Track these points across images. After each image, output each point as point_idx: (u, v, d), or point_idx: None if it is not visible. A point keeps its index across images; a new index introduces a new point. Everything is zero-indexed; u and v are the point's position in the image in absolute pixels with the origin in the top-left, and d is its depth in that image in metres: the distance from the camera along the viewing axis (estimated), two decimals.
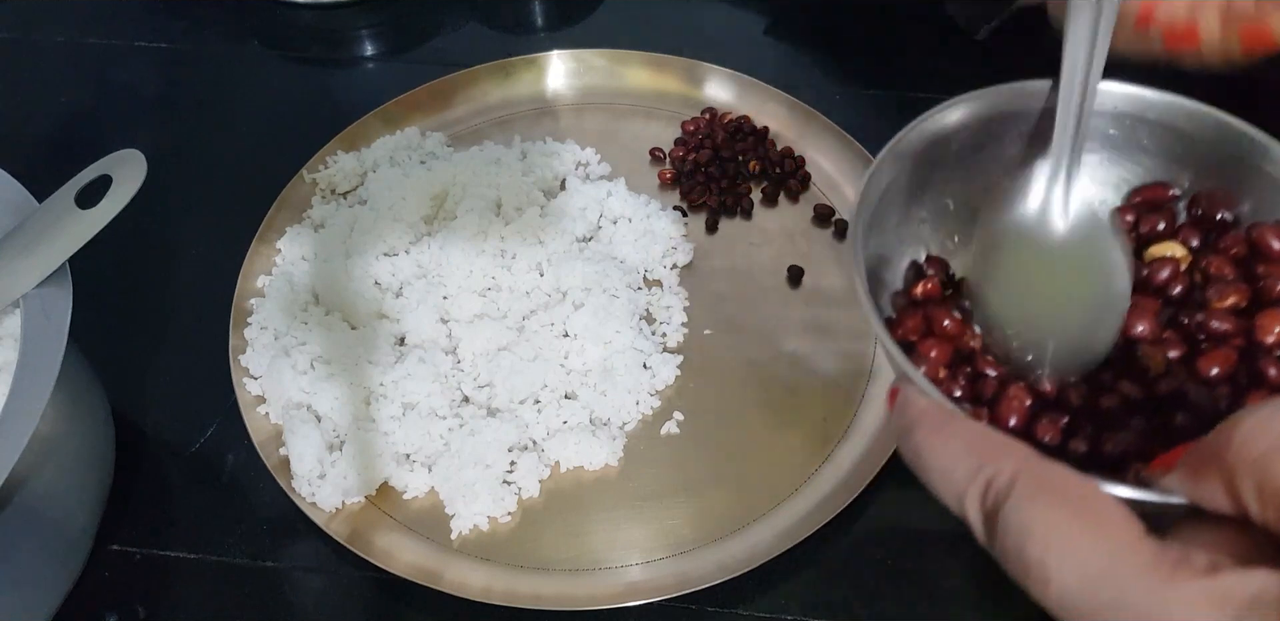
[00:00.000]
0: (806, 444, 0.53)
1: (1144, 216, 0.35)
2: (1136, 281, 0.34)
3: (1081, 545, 0.24)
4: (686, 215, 0.62)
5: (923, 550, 0.50)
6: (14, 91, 0.73)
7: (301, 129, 0.66)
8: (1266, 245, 0.32)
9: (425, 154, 0.64)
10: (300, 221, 0.62)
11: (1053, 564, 0.24)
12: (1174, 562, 0.23)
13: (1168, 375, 0.31)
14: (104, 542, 0.51)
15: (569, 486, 0.52)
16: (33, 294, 0.45)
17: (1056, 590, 0.24)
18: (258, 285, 0.59)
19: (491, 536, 0.51)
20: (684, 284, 0.59)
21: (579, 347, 0.55)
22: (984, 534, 0.26)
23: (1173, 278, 0.33)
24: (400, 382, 0.53)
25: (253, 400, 0.54)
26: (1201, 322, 0.32)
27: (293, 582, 0.51)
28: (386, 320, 0.56)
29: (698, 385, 0.55)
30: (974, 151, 0.38)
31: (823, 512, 0.49)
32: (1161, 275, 0.33)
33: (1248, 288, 0.32)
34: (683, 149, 0.64)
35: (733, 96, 0.66)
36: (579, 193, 0.61)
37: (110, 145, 0.47)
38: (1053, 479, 0.25)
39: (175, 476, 0.54)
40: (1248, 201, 0.34)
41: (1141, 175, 0.37)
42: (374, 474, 0.51)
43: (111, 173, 0.45)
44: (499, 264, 0.57)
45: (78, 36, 0.67)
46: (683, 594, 0.47)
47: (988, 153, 0.38)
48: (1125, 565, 0.23)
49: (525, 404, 0.54)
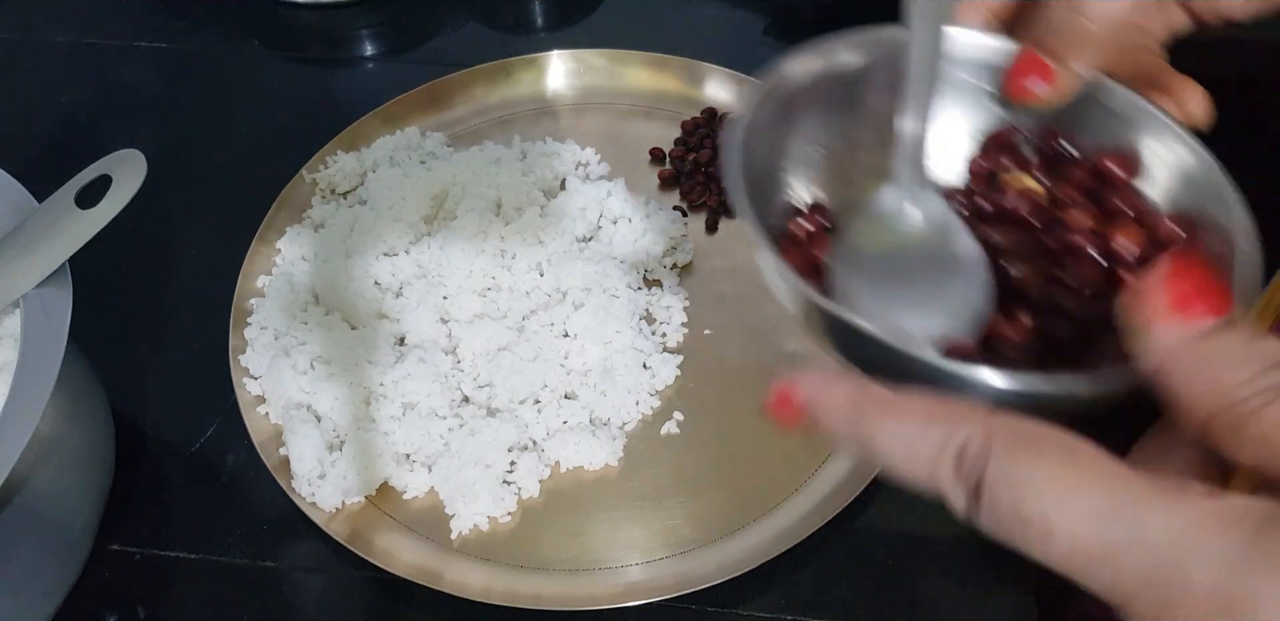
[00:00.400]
0: (806, 444, 0.53)
1: (997, 155, 0.37)
2: (1000, 215, 0.36)
3: (1080, 488, 0.23)
4: (686, 215, 0.62)
5: (923, 550, 0.50)
6: (14, 91, 0.73)
7: (301, 129, 0.66)
8: (1111, 173, 0.35)
9: (425, 154, 0.64)
10: (300, 221, 0.62)
11: (1055, 514, 0.23)
12: (1175, 489, 0.23)
13: (1041, 290, 0.33)
14: (104, 543, 0.51)
15: (569, 486, 0.52)
16: (33, 294, 0.45)
17: (1064, 541, 0.23)
18: (258, 285, 0.59)
19: (491, 536, 0.51)
20: (684, 284, 0.59)
21: (579, 347, 0.55)
22: (966, 505, 0.25)
23: (1033, 210, 0.35)
24: (400, 382, 0.53)
25: (253, 400, 0.54)
26: (1065, 242, 0.34)
27: (293, 583, 0.51)
28: (386, 320, 0.56)
29: (698, 385, 0.55)
30: (837, 101, 0.37)
31: (823, 512, 0.49)
32: (1022, 209, 0.36)
33: (1100, 211, 0.35)
34: (682, 149, 0.64)
35: (733, 96, 0.66)
36: (579, 192, 0.61)
37: (110, 145, 0.47)
38: (1024, 431, 0.24)
39: (175, 476, 0.54)
40: (1090, 135, 0.36)
41: (994, 123, 0.38)
42: (374, 474, 0.51)
43: (111, 173, 0.45)
44: (499, 264, 0.57)
45: (78, 36, 0.66)
46: (683, 594, 0.47)
47: (850, 102, 0.37)
48: (1130, 499, 0.23)
49: (525, 404, 0.54)
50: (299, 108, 0.70)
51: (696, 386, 0.55)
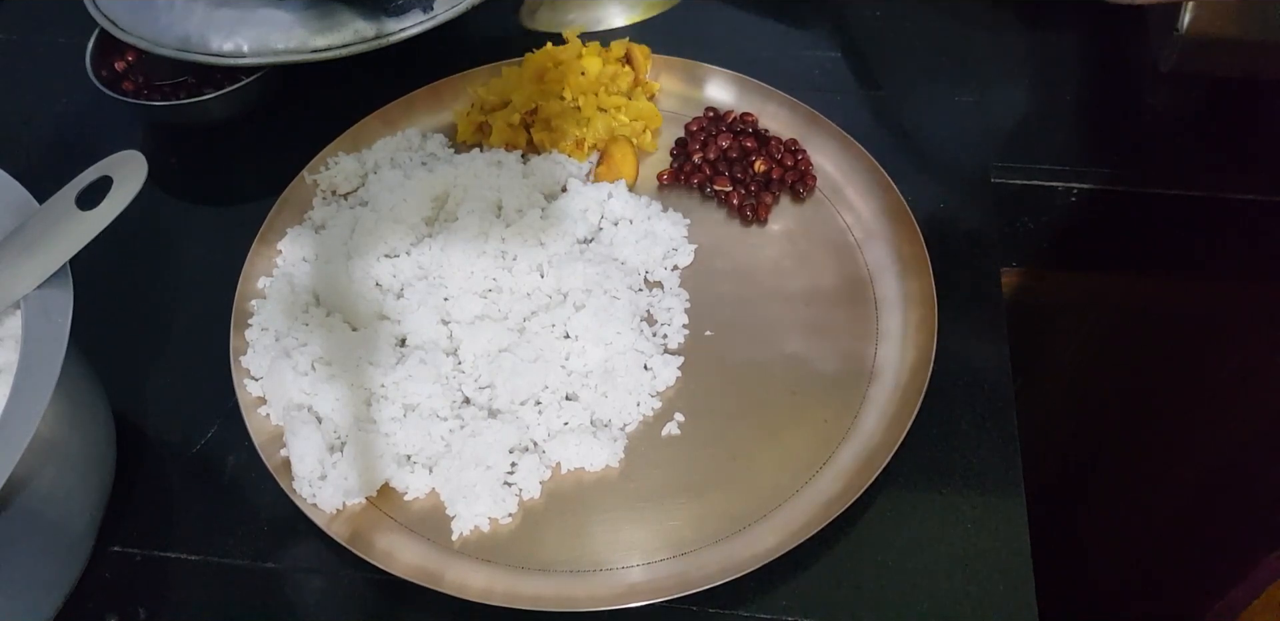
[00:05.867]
0: (807, 445, 0.53)
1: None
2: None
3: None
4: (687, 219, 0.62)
5: (923, 551, 0.50)
6: (14, 91, 0.73)
7: (302, 130, 0.66)
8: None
9: (426, 155, 0.64)
10: (301, 223, 0.62)
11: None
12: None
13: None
14: (105, 544, 0.51)
15: (570, 487, 0.52)
16: (34, 295, 0.45)
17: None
18: (259, 286, 0.59)
19: (492, 537, 0.51)
20: (685, 285, 0.59)
21: (580, 349, 0.55)
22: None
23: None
24: (401, 384, 0.53)
25: (253, 401, 0.54)
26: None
27: (293, 584, 0.51)
28: (387, 321, 0.56)
29: (698, 386, 0.55)
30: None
31: (824, 514, 0.49)
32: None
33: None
34: (688, 147, 0.64)
35: (733, 96, 0.66)
36: (580, 194, 0.61)
37: (111, 146, 0.47)
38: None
39: (176, 478, 0.54)
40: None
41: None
42: (375, 475, 0.51)
43: (112, 174, 0.45)
44: (500, 265, 0.57)
45: (78, 37, 0.67)
46: (684, 595, 0.47)
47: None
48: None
49: (526, 405, 0.54)
50: (300, 108, 0.70)
51: (697, 388, 0.55)
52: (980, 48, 0.71)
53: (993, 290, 0.58)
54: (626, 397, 0.54)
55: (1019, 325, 0.58)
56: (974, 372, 0.55)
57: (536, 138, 0.64)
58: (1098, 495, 0.93)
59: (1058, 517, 0.83)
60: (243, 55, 0.62)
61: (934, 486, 0.52)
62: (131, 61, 0.68)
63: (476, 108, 0.65)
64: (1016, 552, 0.49)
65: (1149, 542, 0.89)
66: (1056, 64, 0.70)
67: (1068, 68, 0.70)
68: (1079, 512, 0.94)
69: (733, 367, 0.56)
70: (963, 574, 0.49)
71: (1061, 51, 0.71)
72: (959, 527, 0.50)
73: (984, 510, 0.51)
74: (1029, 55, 0.71)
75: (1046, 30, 0.72)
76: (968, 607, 0.48)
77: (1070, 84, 0.69)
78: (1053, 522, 0.62)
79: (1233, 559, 0.73)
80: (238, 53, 0.62)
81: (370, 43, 0.63)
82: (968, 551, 0.50)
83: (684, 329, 0.57)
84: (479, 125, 0.65)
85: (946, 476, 0.52)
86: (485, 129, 0.65)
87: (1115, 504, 0.91)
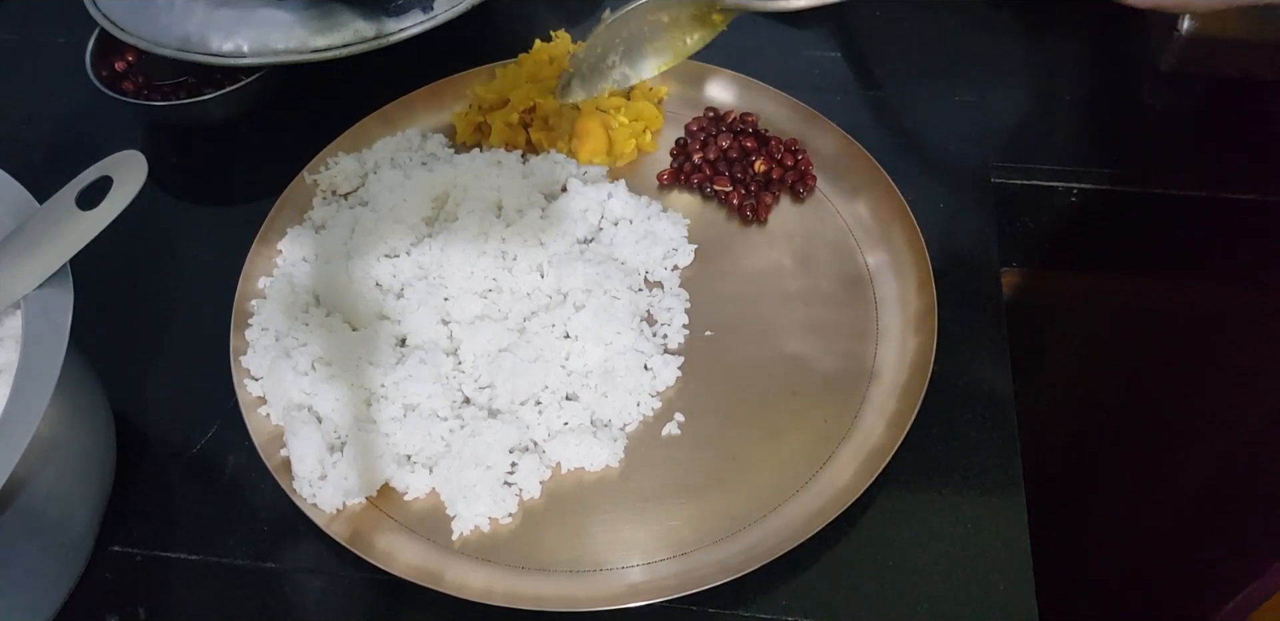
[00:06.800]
0: (807, 445, 0.53)
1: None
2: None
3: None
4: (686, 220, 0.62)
5: (923, 551, 0.50)
6: (14, 91, 0.73)
7: (302, 130, 0.66)
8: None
9: (426, 155, 0.64)
10: (301, 222, 0.62)
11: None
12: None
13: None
14: (105, 544, 0.51)
15: (570, 487, 0.52)
16: (34, 295, 0.45)
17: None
18: (259, 286, 0.59)
19: (492, 537, 0.51)
20: (685, 285, 0.59)
21: (580, 349, 0.55)
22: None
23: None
24: (401, 384, 0.53)
25: (254, 401, 0.54)
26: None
27: (294, 584, 0.51)
28: (387, 321, 0.56)
29: (698, 386, 0.55)
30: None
31: (824, 514, 0.49)
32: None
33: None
34: (688, 147, 0.64)
35: (733, 96, 0.66)
36: (580, 194, 0.61)
37: (111, 146, 0.47)
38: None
39: (176, 478, 0.54)
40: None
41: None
42: (375, 475, 0.51)
43: (112, 173, 0.45)
44: (500, 265, 0.57)
45: (78, 37, 0.67)
46: (684, 595, 0.47)
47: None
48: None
49: (526, 405, 0.54)
50: (300, 108, 0.70)
51: (697, 388, 0.55)
52: (980, 48, 0.71)
53: (993, 290, 0.58)
54: (626, 397, 0.54)
55: (1019, 325, 0.58)
56: (974, 372, 0.55)
57: (535, 137, 0.64)
58: (1098, 495, 0.93)
59: (1058, 517, 0.82)
60: (243, 55, 0.62)
61: (934, 486, 0.52)
62: (131, 61, 0.68)
63: (475, 107, 0.66)
64: (1016, 552, 0.49)
65: (1150, 543, 0.89)
66: (1056, 64, 0.70)
67: (1068, 68, 0.70)
68: (1079, 512, 0.94)
69: (732, 368, 0.56)
70: (963, 574, 0.49)
71: (1061, 51, 0.71)
72: (959, 527, 0.50)
73: (984, 510, 0.51)
74: (1029, 55, 0.71)
75: (1046, 30, 0.72)
76: (968, 607, 0.48)
77: (1070, 84, 0.69)
78: (1053, 522, 0.62)
79: (1238, 561, 0.73)
80: (238, 53, 0.62)
81: (370, 43, 0.63)
82: (968, 551, 0.50)
83: (684, 329, 0.57)
84: (478, 125, 0.65)
85: (946, 476, 0.52)
86: (484, 129, 0.65)
87: (1116, 504, 0.91)
